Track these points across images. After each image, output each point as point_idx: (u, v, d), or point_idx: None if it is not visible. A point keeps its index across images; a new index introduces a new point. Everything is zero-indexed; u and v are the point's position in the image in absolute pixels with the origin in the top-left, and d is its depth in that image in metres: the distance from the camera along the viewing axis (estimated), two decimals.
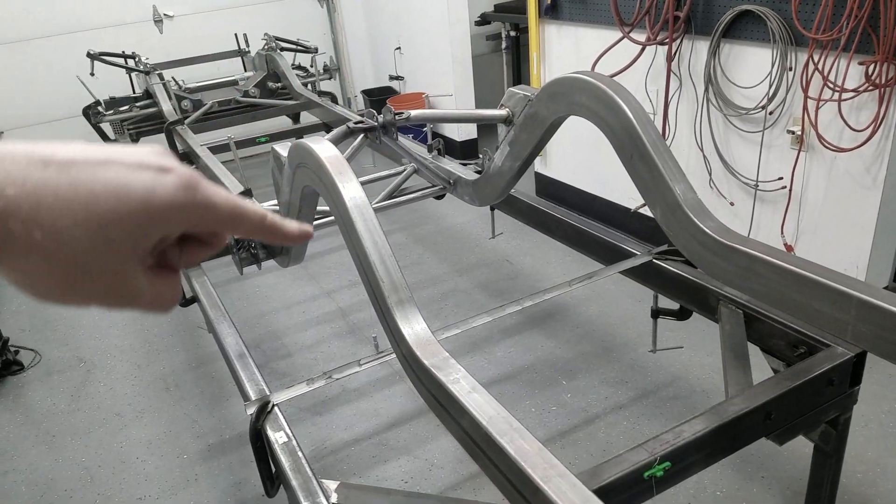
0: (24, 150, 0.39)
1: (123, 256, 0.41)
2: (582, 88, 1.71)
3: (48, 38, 5.16)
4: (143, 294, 0.44)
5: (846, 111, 2.56)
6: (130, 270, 0.42)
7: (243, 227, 0.47)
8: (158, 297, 0.45)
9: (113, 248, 0.40)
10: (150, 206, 0.41)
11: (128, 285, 0.43)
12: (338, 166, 1.57)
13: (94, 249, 0.39)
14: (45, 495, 2.54)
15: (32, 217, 0.37)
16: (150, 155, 0.43)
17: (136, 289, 0.43)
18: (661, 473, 1.50)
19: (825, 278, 1.44)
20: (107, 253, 0.40)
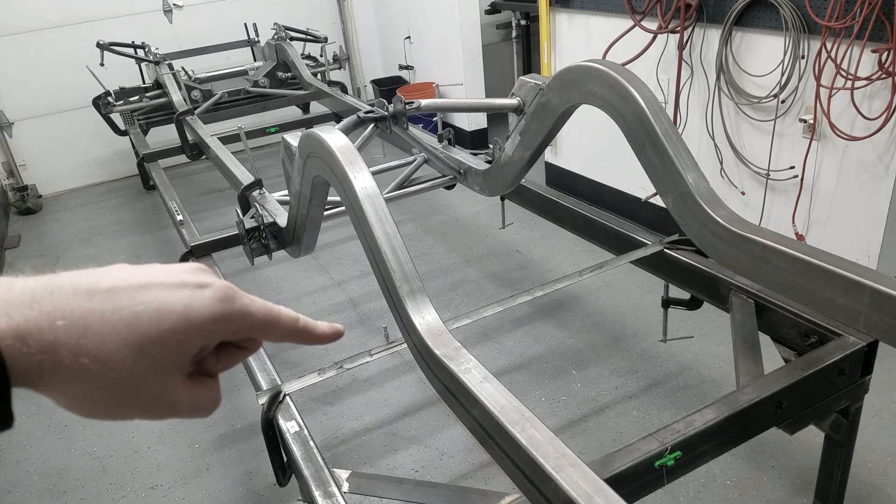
0: (69, 280, 0.41)
1: (166, 371, 0.43)
2: (594, 77, 1.70)
3: (58, 28, 5.18)
4: (185, 403, 0.46)
5: (859, 99, 2.53)
6: (172, 383, 0.44)
7: (278, 332, 0.50)
8: (199, 405, 0.48)
9: (156, 363, 0.42)
10: (190, 321, 0.43)
11: (170, 397, 0.45)
12: (349, 156, 1.58)
13: (139, 367, 0.42)
14: (57, 485, 2.57)
15: (81, 345, 0.39)
16: (188, 273, 0.45)
17: (177, 400, 0.45)
18: (671, 463, 1.50)
19: (838, 267, 1.43)
20: (150, 369, 0.42)
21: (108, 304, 0.41)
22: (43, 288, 0.40)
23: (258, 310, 0.47)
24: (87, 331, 0.39)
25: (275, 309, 0.49)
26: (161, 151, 4.17)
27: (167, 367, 0.43)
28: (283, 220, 2.35)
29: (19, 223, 5.11)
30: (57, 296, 0.40)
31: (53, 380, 0.40)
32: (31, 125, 5.34)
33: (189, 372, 0.46)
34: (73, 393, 0.41)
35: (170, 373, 0.43)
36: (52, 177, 5.52)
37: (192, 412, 0.47)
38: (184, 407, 0.46)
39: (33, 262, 4.42)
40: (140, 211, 5.10)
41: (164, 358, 0.42)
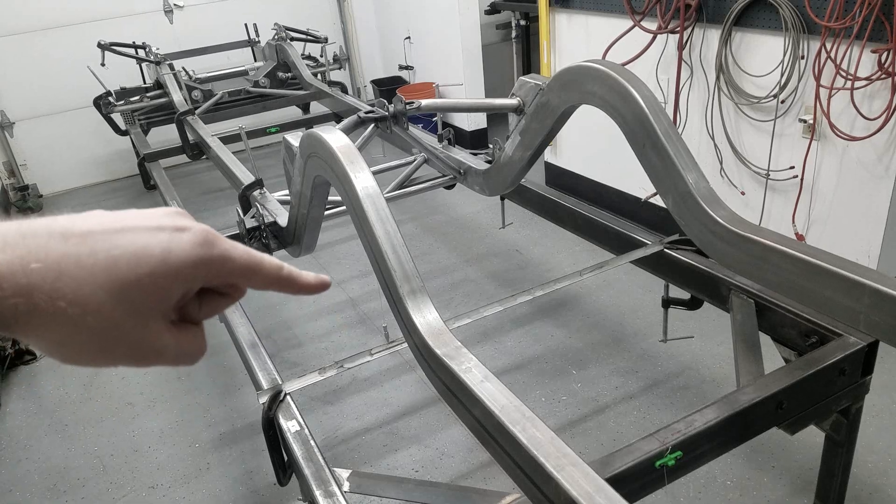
0: (44, 225, 0.40)
1: (147, 316, 0.43)
2: (594, 77, 1.70)
3: (60, 28, 5.18)
4: (169, 349, 0.45)
5: (859, 100, 2.54)
6: (155, 329, 0.44)
7: (260, 278, 0.48)
8: (184, 351, 0.47)
9: (136, 308, 0.42)
10: (169, 265, 0.42)
11: (153, 343, 0.44)
12: (349, 156, 1.58)
13: (118, 312, 0.41)
14: (58, 484, 2.57)
15: (56, 288, 0.39)
16: (166, 216, 0.44)
17: (161, 345, 0.45)
18: (672, 463, 1.50)
19: (838, 267, 1.43)
20: (130, 314, 0.41)
21: (84, 248, 0.40)
22: (16, 231, 0.39)
23: (240, 255, 0.46)
24: (63, 274, 0.39)
25: (257, 255, 0.47)
26: (162, 151, 4.18)
27: (148, 312, 0.42)
28: (284, 219, 2.35)
29: None
30: (30, 239, 0.39)
31: (31, 323, 0.39)
32: (33, 125, 5.34)
33: (172, 319, 0.46)
34: (51, 337, 0.40)
35: (151, 318, 0.43)
36: (52, 176, 5.52)
37: (177, 359, 0.46)
38: (168, 353, 0.45)
39: None
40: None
41: (143, 302, 0.42)
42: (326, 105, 4.59)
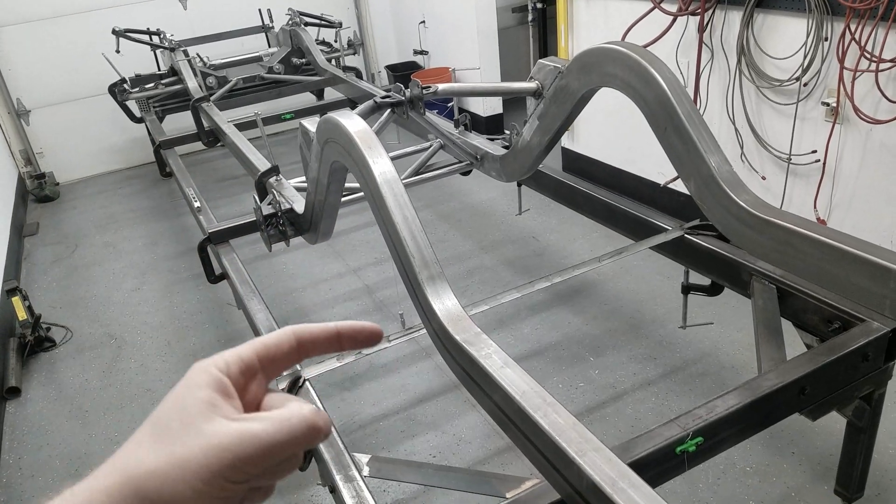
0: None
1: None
2: (615, 59, 1.67)
3: (74, 15, 5.19)
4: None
5: (883, 82, 2.48)
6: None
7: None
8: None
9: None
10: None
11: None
12: (367, 141, 1.57)
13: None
14: (79, 469, 2.61)
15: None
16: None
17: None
18: (693, 448, 1.49)
19: (864, 252, 1.41)
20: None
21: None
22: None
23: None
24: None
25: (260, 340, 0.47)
26: (177, 138, 4.18)
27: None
28: (301, 206, 2.35)
29: (37, 211, 5.16)
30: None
31: None
32: (48, 113, 5.37)
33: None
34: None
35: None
36: (69, 164, 5.55)
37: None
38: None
39: (53, 250, 4.46)
40: (157, 198, 5.12)
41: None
42: (341, 91, 4.57)
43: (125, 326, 3.48)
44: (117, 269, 4.09)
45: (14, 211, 4.69)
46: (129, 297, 3.76)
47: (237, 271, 2.47)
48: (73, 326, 3.52)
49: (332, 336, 0.50)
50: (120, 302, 3.72)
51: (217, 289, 3.14)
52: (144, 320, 3.52)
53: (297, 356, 0.49)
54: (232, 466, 0.40)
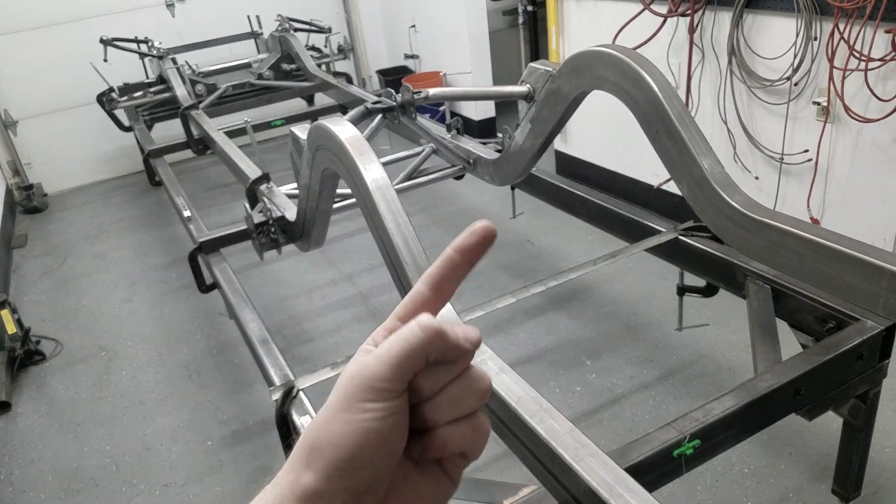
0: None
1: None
2: (606, 62, 1.67)
3: (61, 24, 5.15)
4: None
5: (873, 81, 2.49)
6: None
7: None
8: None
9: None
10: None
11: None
12: (359, 147, 1.56)
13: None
14: (71, 484, 2.57)
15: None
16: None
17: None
18: (690, 451, 1.49)
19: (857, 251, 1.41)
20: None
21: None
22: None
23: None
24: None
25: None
26: (166, 147, 4.15)
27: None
28: (292, 213, 2.33)
29: (25, 222, 5.11)
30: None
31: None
32: (36, 123, 5.33)
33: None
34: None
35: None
36: (57, 175, 5.51)
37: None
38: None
39: (41, 262, 4.42)
40: (146, 207, 5.09)
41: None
42: (332, 96, 4.55)
43: (116, 338, 3.45)
44: (107, 280, 4.06)
45: (2, 223, 4.65)
46: (120, 308, 3.73)
47: (228, 281, 2.44)
48: (63, 339, 3.48)
49: (452, 261, 0.48)
50: (110, 313, 3.68)
51: (207, 298, 3.11)
52: (135, 331, 3.49)
53: (437, 300, 0.48)
54: (362, 388, 0.42)
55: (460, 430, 0.45)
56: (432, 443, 0.44)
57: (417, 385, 0.43)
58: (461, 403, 0.45)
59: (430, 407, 0.44)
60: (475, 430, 0.45)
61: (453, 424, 0.44)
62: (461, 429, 0.45)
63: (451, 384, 0.44)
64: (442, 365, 0.44)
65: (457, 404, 0.44)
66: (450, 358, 0.44)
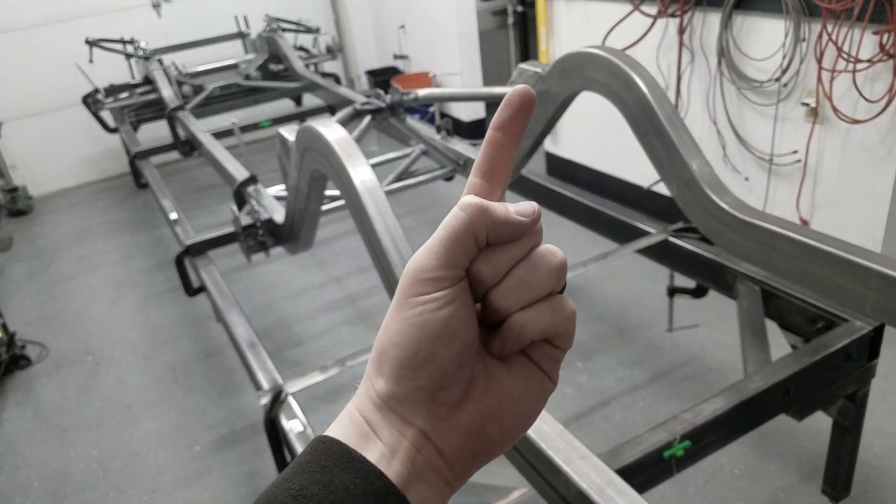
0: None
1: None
2: (595, 63, 1.67)
3: (46, 25, 5.10)
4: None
5: (861, 82, 2.50)
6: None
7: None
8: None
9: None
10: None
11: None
12: (347, 149, 1.54)
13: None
14: (58, 489, 2.54)
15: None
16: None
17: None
18: (681, 453, 1.49)
19: (845, 252, 1.42)
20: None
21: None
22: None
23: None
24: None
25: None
26: (153, 149, 4.12)
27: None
28: (280, 216, 2.31)
29: (11, 225, 5.05)
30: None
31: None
32: (20, 125, 5.27)
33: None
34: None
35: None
36: (42, 177, 5.45)
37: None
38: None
39: (27, 265, 4.37)
40: (132, 210, 5.04)
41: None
42: (320, 97, 4.53)
43: (103, 342, 3.41)
44: (94, 283, 4.01)
45: None
46: (107, 311, 3.69)
47: (216, 284, 2.42)
48: (49, 343, 3.44)
49: (495, 140, 0.44)
50: (97, 317, 3.64)
51: (193, 302, 3.09)
52: (122, 335, 3.45)
53: (492, 186, 0.45)
54: (413, 282, 0.40)
55: (536, 314, 0.41)
56: (508, 332, 0.41)
57: (477, 272, 0.40)
58: (530, 285, 0.41)
59: (497, 294, 0.41)
60: (554, 312, 0.42)
61: (528, 309, 0.41)
62: (537, 312, 0.41)
63: (516, 267, 0.41)
64: (501, 247, 0.40)
65: (526, 287, 0.41)
66: (506, 237, 0.40)
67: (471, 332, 0.40)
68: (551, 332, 0.42)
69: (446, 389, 0.41)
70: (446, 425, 0.41)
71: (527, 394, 0.43)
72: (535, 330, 0.41)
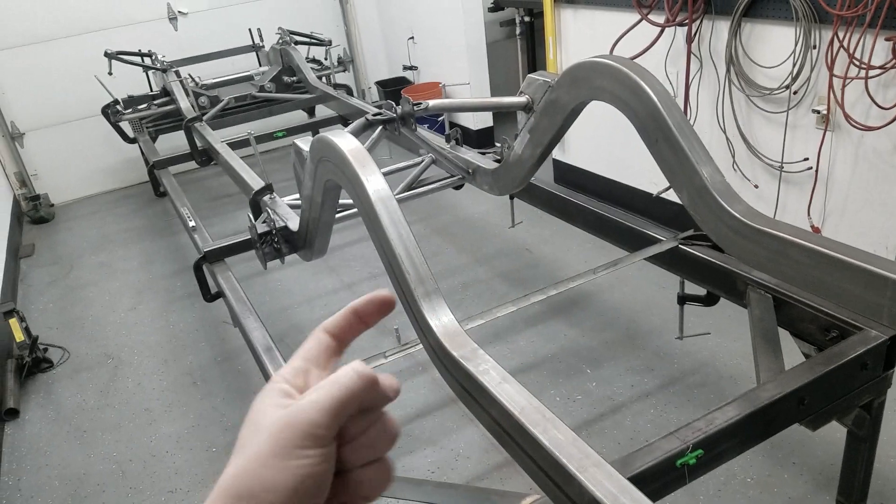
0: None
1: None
2: (604, 72, 1.68)
3: (66, 38, 5.19)
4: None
5: (873, 88, 2.50)
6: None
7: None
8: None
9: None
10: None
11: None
12: (360, 159, 1.57)
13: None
14: (78, 490, 2.58)
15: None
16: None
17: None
18: (693, 461, 1.48)
19: (859, 260, 1.41)
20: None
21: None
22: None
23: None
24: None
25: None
26: (171, 158, 4.18)
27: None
28: (295, 224, 2.34)
29: (33, 232, 5.14)
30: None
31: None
32: (42, 135, 5.36)
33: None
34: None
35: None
36: (63, 186, 5.54)
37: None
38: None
39: (49, 271, 4.44)
40: (151, 217, 5.11)
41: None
42: (332, 108, 4.58)
43: (122, 346, 3.46)
44: (113, 288, 4.07)
45: (10, 233, 4.67)
46: (126, 316, 3.74)
47: (233, 289, 2.46)
48: (70, 347, 3.50)
49: (351, 319, 0.53)
50: (116, 322, 3.70)
51: (212, 307, 3.13)
52: (141, 340, 3.50)
53: (338, 349, 0.52)
54: (301, 435, 0.43)
55: (373, 473, 0.47)
56: (347, 484, 0.46)
57: (344, 429, 0.46)
58: (376, 446, 0.47)
59: (349, 449, 0.46)
60: (383, 473, 0.48)
61: (367, 467, 0.47)
62: (374, 471, 0.47)
63: (369, 428, 0.47)
64: (368, 411, 0.47)
65: (373, 447, 0.47)
66: (374, 405, 0.47)
67: (330, 485, 0.45)
68: (375, 492, 0.48)
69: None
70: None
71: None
72: (368, 487, 0.47)
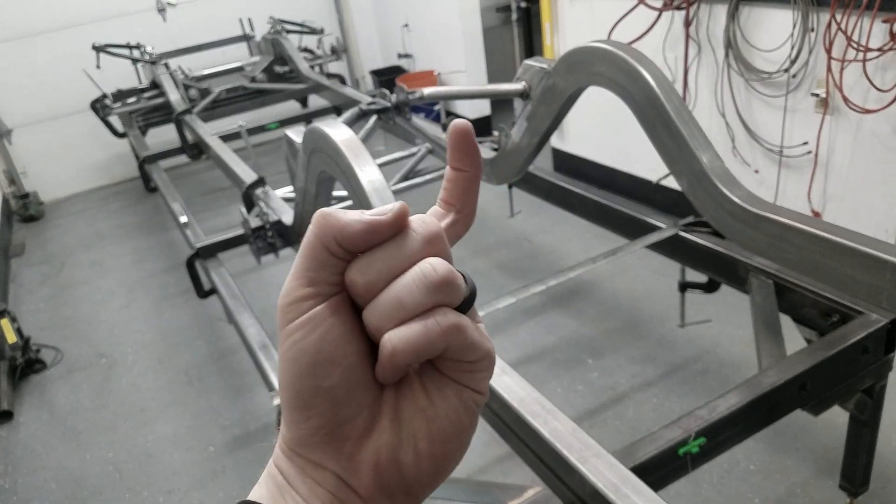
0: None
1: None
2: (602, 58, 1.65)
3: (53, 32, 5.13)
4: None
5: (871, 71, 2.47)
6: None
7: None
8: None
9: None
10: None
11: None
12: (354, 149, 1.54)
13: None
14: (75, 492, 2.56)
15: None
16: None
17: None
18: (696, 450, 1.47)
19: (859, 244, 1.39)
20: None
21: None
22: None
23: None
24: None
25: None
26: (161, 153, 4.14)
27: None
28: (289, 217, 2.31)
29: (22, 231, 5.09)
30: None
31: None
32: (30, 131, 5.30)
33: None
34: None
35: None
36: (53, 183, 5.49)
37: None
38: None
39: (39, 270, 4.40)
40: (142, 213, 5.07)
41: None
42: (325, 98, 4.54)
43: (115, 345, 3.43)
44: (105, 287, 4.03)
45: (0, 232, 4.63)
46: (119, 315, 3.71)
47: (226, 286, 2.43)
48: (63, 347, 3.47)
49: (448, 172, 0.45)
50: (109, 320, 3.66)
51: (205, 304, 3.10)
52: (134, 338, 3.47)
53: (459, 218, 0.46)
54: (282, 310, 0.37)
55: (407, 333, 0.35)
56: (381, 354, 0.35)
57: (350, 282, 0.36)
58: (404, 302, 0.35)
59: (369, 311, 0.36)
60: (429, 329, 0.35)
61: (399, 328, 0.35)
62: (409, 330, 0.35)
63: (395, 281, 0.36)
64: (373, 254, 0.36)
65: (398, 304, 0.35)
66: (364, 241, 0.36)
67: (351, 352, 0.36)
68: (430, 352, 0.36)
69: (346, 423, 0.36)
70: (355, 463, 0.37)
71: (444, 412, 0.38)
72: (407, 351, 0.35)
